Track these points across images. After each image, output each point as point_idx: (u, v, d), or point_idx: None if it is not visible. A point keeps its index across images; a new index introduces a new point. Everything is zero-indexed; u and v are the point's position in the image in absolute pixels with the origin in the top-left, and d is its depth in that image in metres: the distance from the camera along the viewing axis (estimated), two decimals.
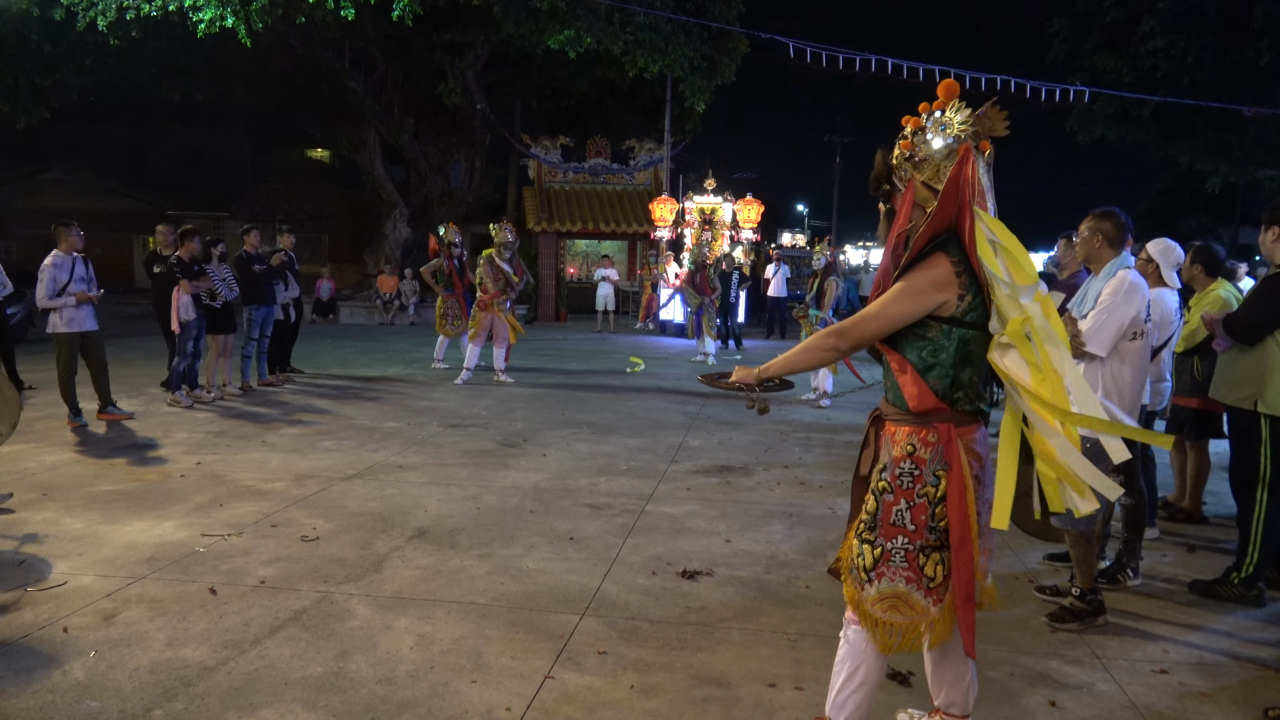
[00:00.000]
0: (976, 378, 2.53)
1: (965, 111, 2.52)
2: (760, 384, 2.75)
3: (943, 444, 2.52)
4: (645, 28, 16.97)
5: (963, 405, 2.53)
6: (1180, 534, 5.46)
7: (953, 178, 2.45)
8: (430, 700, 3.16)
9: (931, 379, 2.51)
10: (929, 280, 2.47)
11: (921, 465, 2.54)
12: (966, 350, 2.50)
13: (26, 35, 15.64)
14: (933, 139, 2.53)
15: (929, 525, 2.54)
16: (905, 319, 2.50)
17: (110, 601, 3.96)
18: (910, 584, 2.56)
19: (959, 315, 2.48)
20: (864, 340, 2.59)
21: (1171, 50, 19.07)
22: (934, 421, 2.53)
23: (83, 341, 7.82)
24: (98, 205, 29.62)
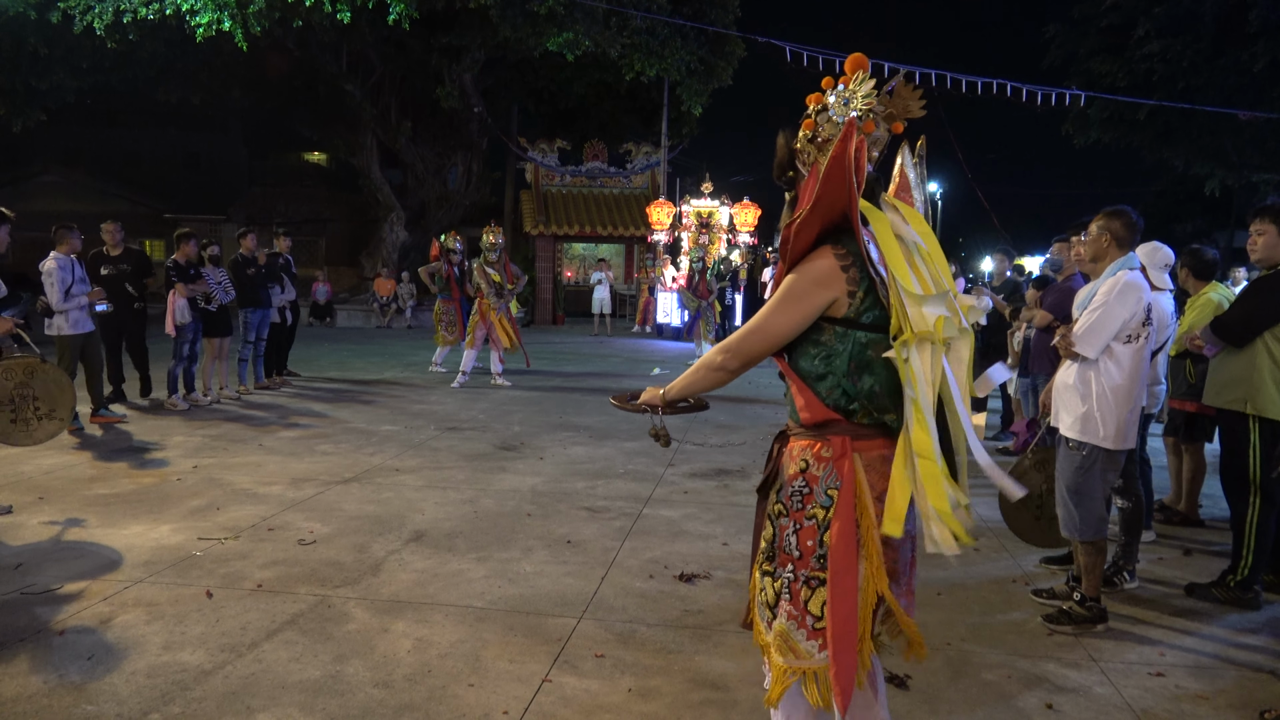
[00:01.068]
0: (879, 387, 2.17)
1: (869, 84, 2.23)
2: (669, 405, 2.44)
3: (836, 459, 2.19)
4: (642, 31, 17.01)
5: (861, 417, 2.19)
6: (1176, 537, 5.47)
7: (835, 157, 2.09)
8: (428, 704, 3.16)
9: (823, 388, 2.20)
10: (810, 278, 2.18)
11: (814, 483, 2.21)
12: (864, 356, 2.17)
13: (23, 38, 15.64)
14: (837, 116, 2.23)
15: (816, 552, 2.18)
16: (792, 328, 2.20)
17: (107, 605, 3.95)
18: (792, 620, 2.21)
19: (853, 316, 2.17)
20: (752, 358, 2.27)
21: (1167, 54, 19.14)
22: (829, 434, 2.21)
23: (83, 343, 7.82)
24: (94, 208, 29.50)
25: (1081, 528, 3.91)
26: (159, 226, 28.60)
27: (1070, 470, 3.94)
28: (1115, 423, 3.84)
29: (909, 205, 2.35)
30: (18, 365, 5.33)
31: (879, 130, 2.24)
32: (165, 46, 16.74)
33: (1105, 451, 3.88)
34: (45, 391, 5.39)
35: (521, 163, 24.74)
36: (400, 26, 14.67)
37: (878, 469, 2.18)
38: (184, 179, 33.15)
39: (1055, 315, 5.71)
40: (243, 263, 9.72)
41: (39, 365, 5.37)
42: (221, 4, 13.94)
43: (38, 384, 5.35)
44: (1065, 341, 3.93)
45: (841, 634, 2.13)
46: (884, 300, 2.14)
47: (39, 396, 5.34)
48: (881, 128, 2.25)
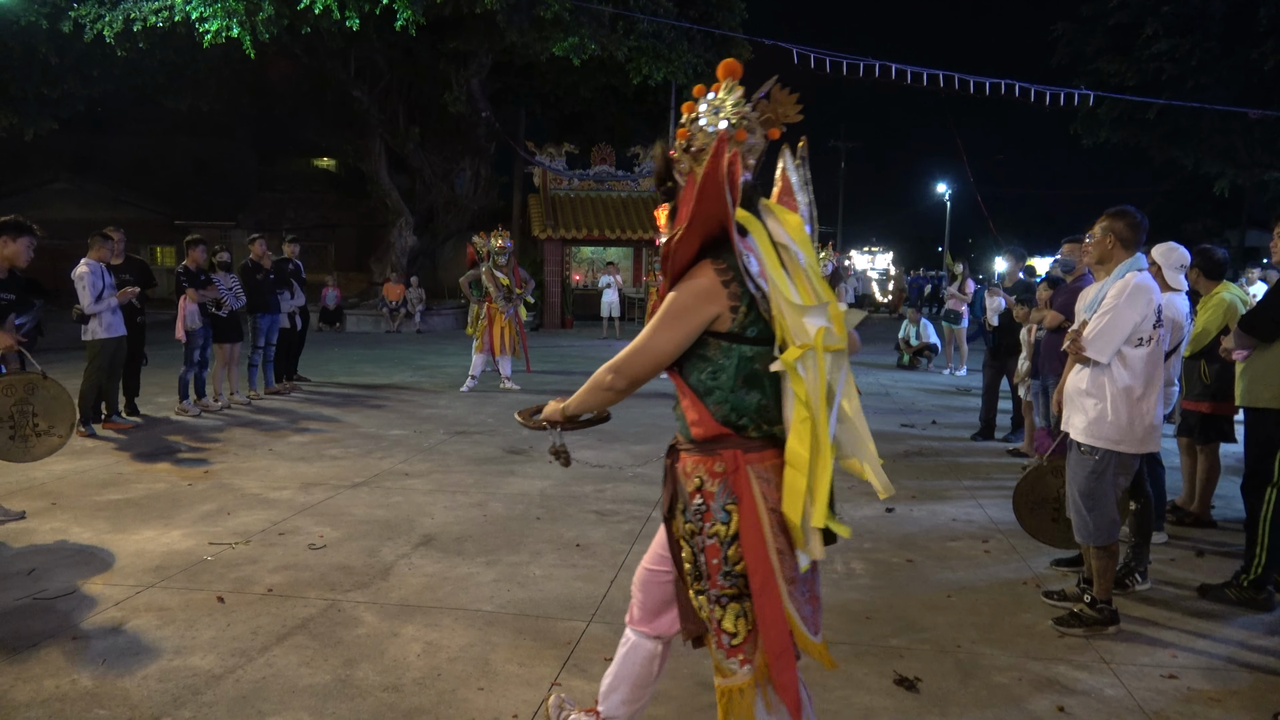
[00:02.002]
0: (767, 399, 2.18)
1: (738, 92, 2.23)
2: (570, 421, 2.43)
3: (729, 474, 2.18)
4: (648, 35, 17.02)
5: (752, 430, 2.20)
6: (1188, 538, 5.44)
7: (708, 173, 2.07)
8: (437, 708, 3.16)
9: (712, 403, 2.19)
10: (691, 294, 2.16)
11: (710, 500, 2.19)
12: (750, 370, 2.17)
13: (34, 47, 15.75)
14: (708, 126, 2.22)
15: (723, 570, 2.19)
16: (676, 346, 2.18)
17: (119, 610, 3.97)
18: (714, 644, 2.22)
19: (737, 330, 2.15)
20: (638, 377, 2.24)
21: (1176, 53, 19.08)
22: (719, 449, 2.19)
23: (115, 347, 7.88)
24: (105, 215, 29.59)
25: (1095, 533, 3.89)
26: (169, 233, 28.73)
27: (1082, 475, 3.91)
28: (1129, 426, 3.81)
29: (791, 210, 2.35)
30: (18, 382, 5.29)
31: (754, 137, 2.24)
32: (175, 54, 16.85)
33: (1118, 455, 3.85)
34: (45, 408, 5.33)
35: (529, 167, 24.77)
36: (407, 33, 14.72)
37: (770, 480, 2.19)
38: (194, 185, 33.27)
39: (1066, 316, 5.68)
40: (252, 268, 9.76)
41: (40, 381, 5.32)
42: (230, 11, 14.01)
43: (38, 400, 5.29)
44: (1075, 346, 3.90)
45: (780, 647, 2.14)
46: (766, 314, 2.15)
47: (39, 413, 5.29)
48: (758, 134, 2.25)
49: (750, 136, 2.22)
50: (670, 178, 2.35)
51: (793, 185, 2.42)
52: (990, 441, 8.32)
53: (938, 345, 14.75)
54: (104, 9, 14.65)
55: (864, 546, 5.10)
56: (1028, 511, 4.65)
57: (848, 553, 4.97)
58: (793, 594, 2.19)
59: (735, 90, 2.23)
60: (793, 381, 2.10)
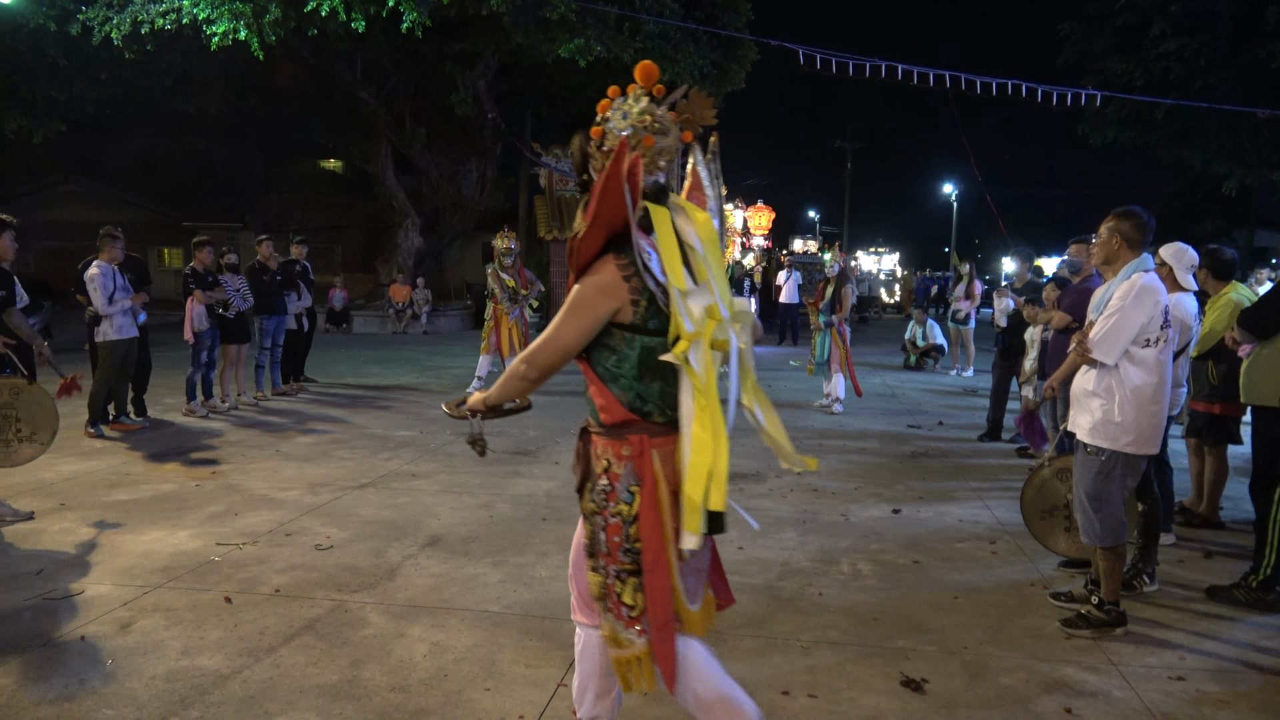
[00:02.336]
0: (670, 387, 2.30)
1: (645, 100, 2.34)
2: (492, 410, 2.51)
3: (634, 457, 2.31)
4: (655, 36, 17.02)
5: (656, 416, 2.32)
6: (1197, 539, 5.42)
7: (608, 175, 2.17)
8: (444, 708, 3.16)
9: (617, 390, 2.31)
10: (594, 288, 2.27)
11: (615, 481, 2.32)
12: (652, 359, 2.28)
13: (43, 50, 15.81)
14: (615, 129, 2.33)
15: (623, 547, 2.31)
16: (581, 337, 2.29)
17: (127, 610, 3.99)
18: (609, 612, 2.34)
19: (639, 322, 2.27)
20: (548, 367, 2.35)
21: (1184, 53, 19.02)
22: (627, 434, 2.32)
23: (126, 349, 7.91)
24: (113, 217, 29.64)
25: (1101, 534, 3.88)
26: (176, 234, 28.84)
27: (1089, 476, 3.90)
28: (1136, 427, 3.79)
29: (700, 205, 2.45)
30: (3, 386, 5.26)
31: (667, 139, 2.35)
32: (182, 56, 16.89)
33: (1124, 456, 3.84)
34: (29, 413, 5.29)
35: (535, 168, 24.76)
36: (413, 34, 14.73)
37: (674, 464, 2.32)
38: (201, 187, 33.37)
39: (1073, 316, 5.67)
40: (260, 270, 9.79)
41: (24, 386, 5.28)
42: (238, 13, 14.05)
43: (21, 405, 5.25)
44: (1082, 348, 3.89)
45: (663, 619, 2.30)
46: (664, 307, 2.26)
47: (22, 418, 5.24)
48: (671, 135, 2.36)
49: (661, 139, 2.33)
50: (586, 171, 2.44)
51: (702, 181, 2.51)
52: (997, 443, 8.30)
53: (944, 346, 14.72)
54: (112, 11, 14.70)
55: (870, 548, 5.09)
56: (1038, 520, 4.64)
57: (854, 554, 4.97)
58: (682, 569, 2.36)
59: (641, 99, 2.35)
60: (687, 372, 2.22)
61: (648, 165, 2.32)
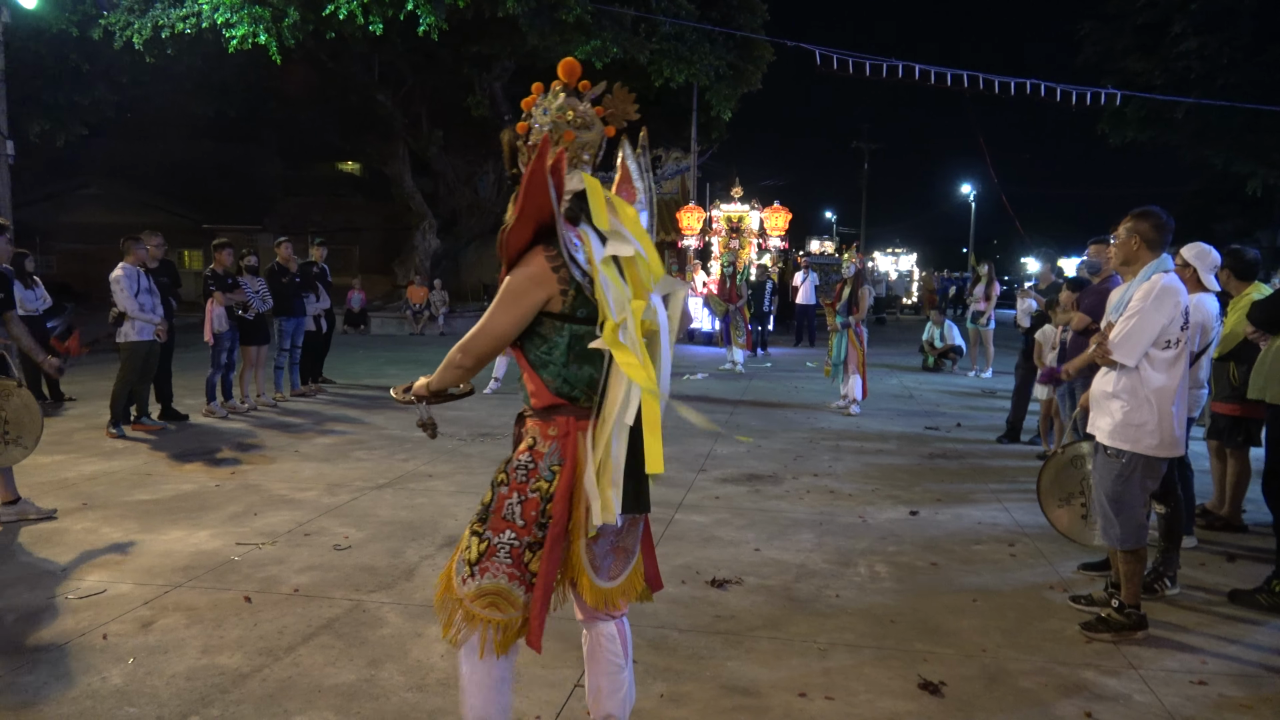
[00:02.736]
0: (598, 373, 2.40)
1: (562, 97, 2.44)
2: (436, 396, 2.60)
3: (560, 438, 2.43)
4: (671, 37, 17.03)
5: (584, 402, 2.43)
6: (1219, 542, 5.36)
7: (531, 171, 2.26)
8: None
9: (547, 376, 2.42)
10: (525, 278, 2.36)
11: (539, 459, 2.44)
12: (581, 347, 2.39)
13: (65, 55, 16.02)
14: (537, 125, 2.43)
15: (538, 521, 2.43)
16: (513, 326, 2.39)
17: (148, 609, 4.03)
18: (513, 580, 2.44)
19: (568, 311, 2.37)
20: (483, 355, 2.45)
21: (1204, 51, 18.82)
22: (555, 416, 2.44)
23: (147, 350, 8.00)
24: (134, 220, 30.01)
25: (1122, 537, 3.84)
26: (197, 237, 29.10)
27: (1109, 479, 3.87)
28: (1157, 429, 3.76)
29: (630, 197, 2.54)
30: None
31: (590, 133, 2.45)
32: (202, 60, 17.05)
33: (1145, 459, 3.80)
34: (16, 417, 5.21)
35: None
36: (430, 37, 14.81)
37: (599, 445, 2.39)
38: (221, 190, 33.62)
39: (1092, 317, 5.62)
40: (279, 272, 9.86)
41: (14, 389, 5.23)
42: (256, 17, 14.17)
43: (10, 409, 5.19)
44: (1102, 350, 3.86)
45: (543, 591, 2.42)
46: (591, 296, 2.36)
47: (9, 420, 5.19)
48: (595, 129, 2.47)
49: (583, 133, 2.44)
50: (515, 166, 2.53)
51: (631, 174, 2.59)
52: (1016, 444, 8.24)
53: (962, 347, 14.64)
54: (133, 16, 14.86)
55: (888, 549, 5.07)
56: (1055, 509, 4.62)
57: (871, 556, 4.95)
58: (590, 546, 2.47)
59: (559, 95, 2.45)
60: (619, 355, 2.31)
61: (572, 158, 2.43)
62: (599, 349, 2.34)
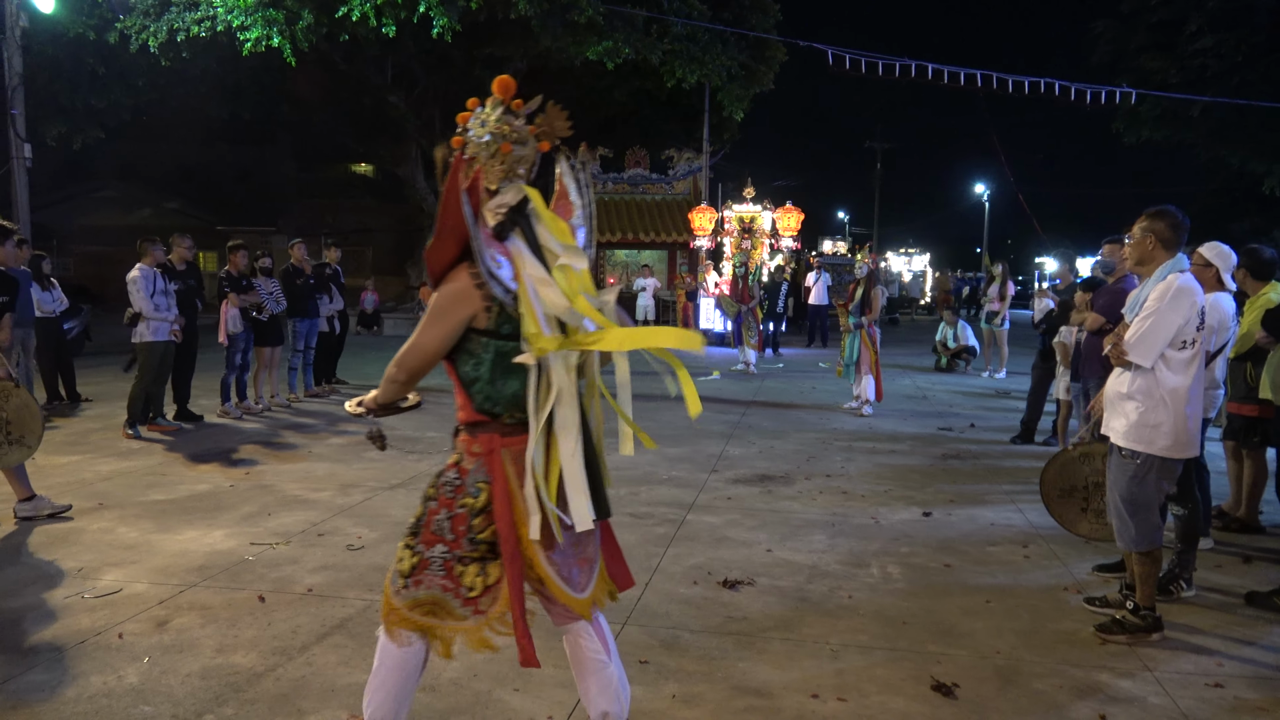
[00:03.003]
0: (523, 390, 2.41)
1: (499, 110, 2.48)
2: (384, 409, 2.66)
3: (485, 455, 2.46)
4: (683, 38, 17.02)
5: (507, 418, 2.46)
6: (1235, 544, 5.32)
7: (447, 189, 2.33)
8: (473, 708, 3.19)
9: (474, 392, 2.46)
10: (448, 296, 2.40)
11: (464, 475, 2.49)
12: (506, 363, 2.41)
13: (82, 58, 16.15)
14: (474, 137, 2.47)
15: (468, 536, 2.47)
16: (440, 343, 2.43)
17: (163, 609, 4.05)
18: (447, 592, 2.48)
19: (493, 327, 2.41)
20: (415, 371, 2.50)
21: (1220, 49, 18.67)
22: (479, 432, 2.48)
23: (163, 350, 8.07)
24: (150, 222, 30.34)
25: (1136, 538, 3.82)
26: (211, 238, 29.27)
27: (1124, 480, 3.84)
28: (1172, 430, 3.73)
29: (565, 214, 2.58)
30: None
31: (525, 149, 2.49)
32: (216, 63, 17.18)
33: (1160, 460, 3.77)
34: (17, 416, 5.22)
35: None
36: (443, 39, 14.86)
37: (523, 463, 2.43)
38: (235, 192, 33.85)
39: (1107, 318, 5.59)
40: (293, 273, 9.91)
41: (13, 389, 5.22)
42: (270, 20, 14.25)
43: (11, 408, 5.19)
44: (1117, 350, 3.83)
45: (518, 610, 2.44)
46: (514, 313, 2.39)
47: (11, 420, 5.19)
48: (529, 146, 2.50)
49: (518, 148, 2.48)
50: None
51: (568, 190, 2.62)
52: (1030, 445, 8.20)
53: (976, 347, 14.58)
54: (149, 20, 14.98)
55: (901, 551, 5.06)
56: (1056, 499, 4.64)
57: (884, 557, 4.94)
58: (550, 558, 2.49)
59: (497, 108, 2.49)
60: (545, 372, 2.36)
61: (506, 173, 2.47)
62: (524, 364, 2.37)
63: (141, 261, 7.95)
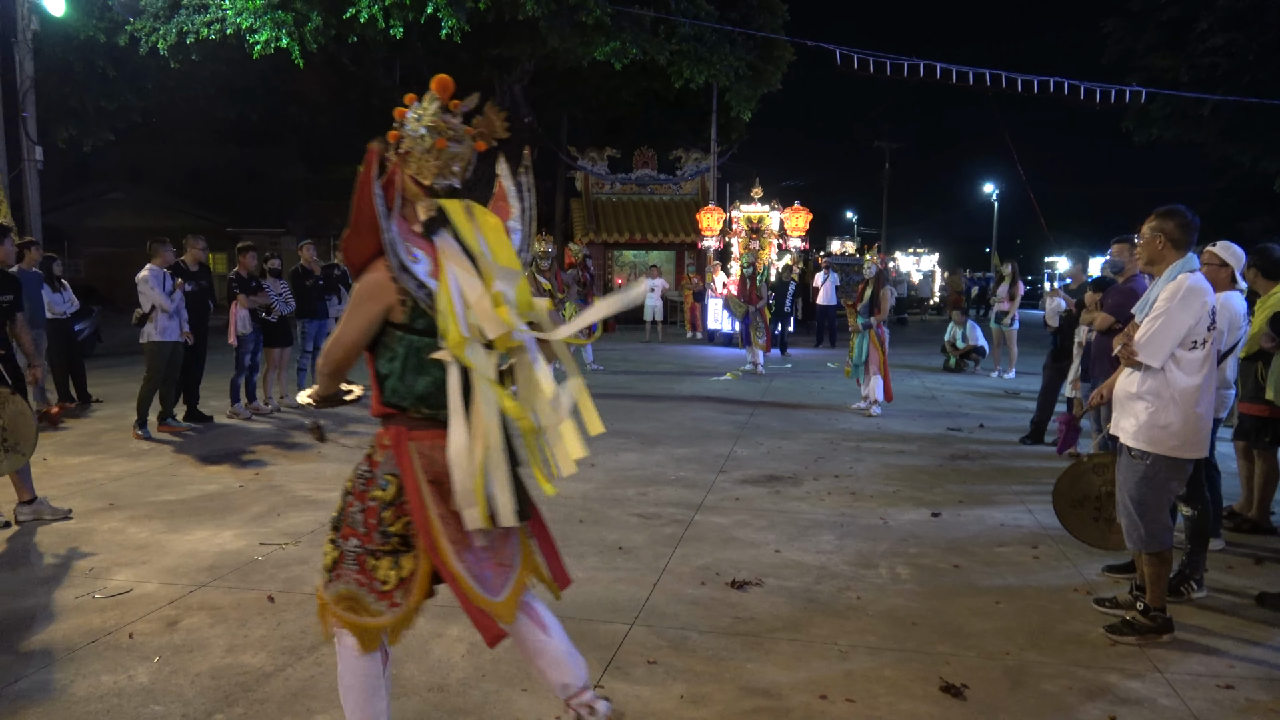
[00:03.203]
0: (434, 385, 2.44)
1: (435, 105, 2.52)
2: (324, 401, 2.69)
3: (393, 448, 2.48)
4: (690, 38, 17.02)
5: (414, 412, 2.48)
6: (1247, 545, 5.29)
7: (360, 183, 2.36)
8: (482, 708, 3.19)
9: (387, 386, 2.48)
10: (365, 287, 2.44)
11: (375, 468, 2.51)
12: (418, 359, 2.44)
13: (93, 61, 16.23)
14: (410, 132, 2.51)
15: (379, 529, 2.48)
16: (358, 335, 2.46)
17: (173, 609, 4.07)
18: (361, 587, 2.49)
19: (407, 321, 2.42)
20: (338, 364, 2.53)
21: (1231, 48, 18.59)
22: (389, 425, 2.51)
23: (170, 350, 8.11)
24: (159, 223, 30.41)
25: (1146, 539, 3.80)
26: (220, 240, 29.37)
27: (1133, 481, 3.82)
28: (1182, 431, 3.72)
29: (504, 213, 2.64)
30: None
31: (460, 147, 2.54)
32: (225, 65, 17.25)
33: (1170, 460, 3.76)
34: (13, 424, 5.19)
35: (571, 171, 24.91)
36: (451, 40, 14.90)
37: (431, 456, 2.46)
38: (244, 193, 33.99)
39: (1116, 318, 5.57)
40: (302, 274, 9.95)
41: (10, 397, 5.19)
42: (279, 22, 14.31)
43: (8, 415, 5.17)
44: (1127, 350, 3.81)
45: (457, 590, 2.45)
46: (429, 309, 2.40)
47: (7, 428, 5.16)
48: (465, 145, 2.55)
49: (454, 145, 2.53)
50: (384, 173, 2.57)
51: (507, 191, 2.69)
52: (1040, 445, 8.17)
53: (985, 348, 14.54)
54: (159, 23, 15.05)
55: (909, 551, 5.04)
56: (1068, 509, 4.63)
57: (893, 558, 4.93)
58: (462, 555, 2.47)
59: (434, 103, 2.53)
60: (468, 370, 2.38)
61: (441, 169, 2.51)
62: (438, 360, 2.40)
63: (152, 262, 8.01)
